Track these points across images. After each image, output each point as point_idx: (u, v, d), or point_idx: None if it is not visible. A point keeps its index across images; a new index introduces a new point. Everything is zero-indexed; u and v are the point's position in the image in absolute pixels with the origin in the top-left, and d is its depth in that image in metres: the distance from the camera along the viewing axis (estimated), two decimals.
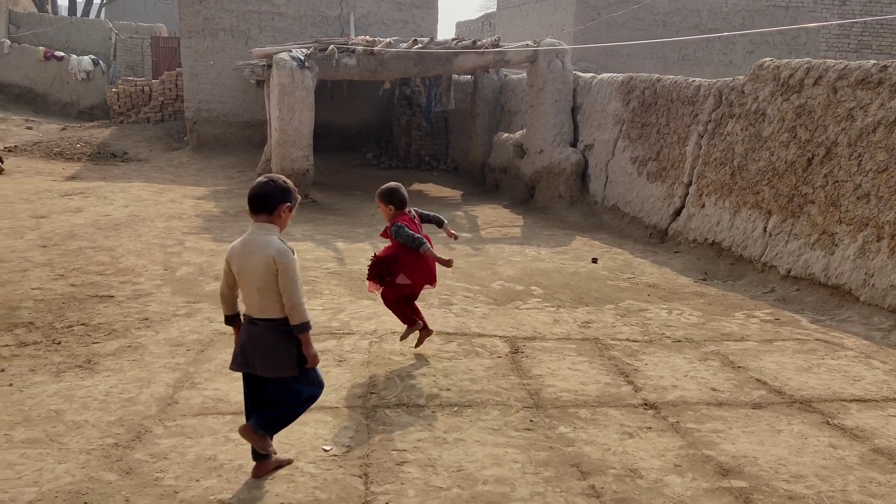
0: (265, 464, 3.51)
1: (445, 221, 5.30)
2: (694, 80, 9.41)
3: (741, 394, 4.70)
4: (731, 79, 8.74)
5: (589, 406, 4.46)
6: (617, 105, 10.91)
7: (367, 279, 5.12)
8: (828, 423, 4.29)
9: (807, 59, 7.79)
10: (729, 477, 3.63)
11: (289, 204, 3.43)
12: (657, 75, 10.28)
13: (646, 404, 4.51)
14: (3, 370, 4.73)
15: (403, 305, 5.21)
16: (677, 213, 9.39)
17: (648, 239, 9.68)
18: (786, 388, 4.82)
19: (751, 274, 7.77)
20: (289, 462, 3.61)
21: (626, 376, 4.96)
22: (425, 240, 4.96)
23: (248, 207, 3.43)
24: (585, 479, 3.56)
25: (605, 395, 4.64)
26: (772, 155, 7.80)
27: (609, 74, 11.58)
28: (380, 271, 5.02)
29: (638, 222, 10.14)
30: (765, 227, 7.79)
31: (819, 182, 7.17)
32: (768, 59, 8.25)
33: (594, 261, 8.56)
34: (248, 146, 17.08)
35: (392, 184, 5.03)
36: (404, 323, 5.25)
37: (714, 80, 9.05)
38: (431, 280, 5.15)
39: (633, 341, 5.70)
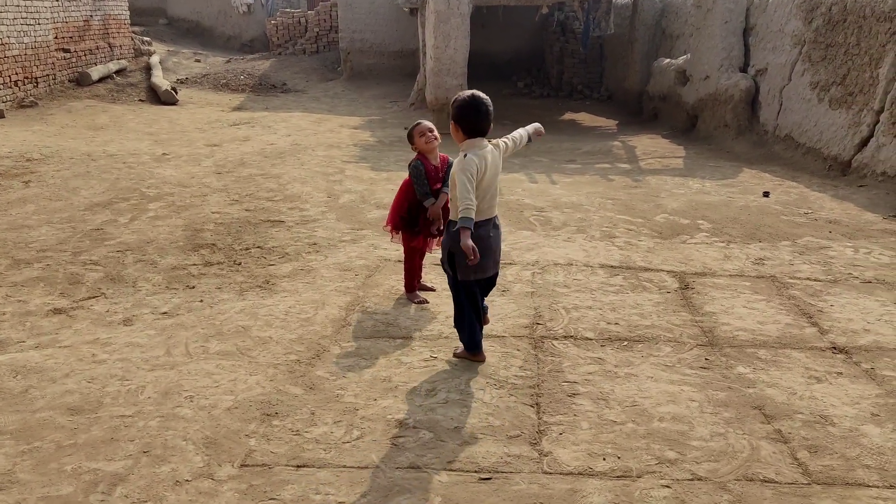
0: None
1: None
2: None
3: None
4: None
5: (769, 347, 4.19)
6: (797, 24, 9.92)
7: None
8: None
9: None
10: None
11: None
12: None
13: (834, 348, 4.18)
14: (193, 287, 5.11)
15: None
16: (864, 143, 8.51)
17: (827, 172, 8.89)
18: None
19: None
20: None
21: (810, 317, 4.62)
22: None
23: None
24: (770, 423, 3.36)
25: (787, 336, 4.34)
26: None
27: None
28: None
29: (815, 153, 9.32)
30: None
31: None
32: None
33: (766, 194, 7.98)
34: (399, 76, 17.24)
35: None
36: (413, 283, 4.90)
37: None
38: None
39: (816, 280, 5.29)
